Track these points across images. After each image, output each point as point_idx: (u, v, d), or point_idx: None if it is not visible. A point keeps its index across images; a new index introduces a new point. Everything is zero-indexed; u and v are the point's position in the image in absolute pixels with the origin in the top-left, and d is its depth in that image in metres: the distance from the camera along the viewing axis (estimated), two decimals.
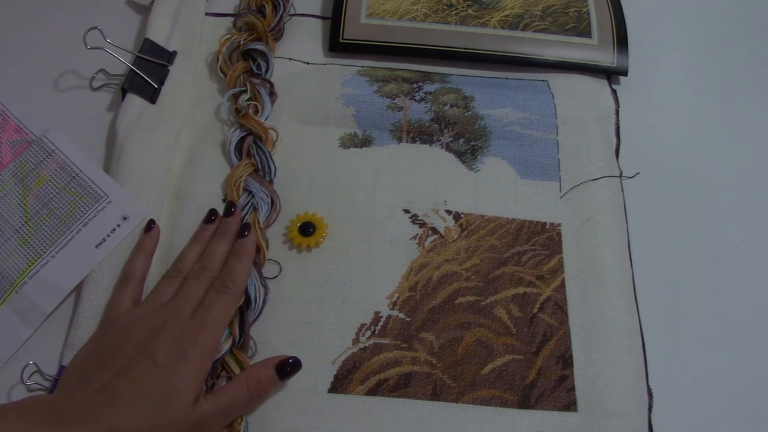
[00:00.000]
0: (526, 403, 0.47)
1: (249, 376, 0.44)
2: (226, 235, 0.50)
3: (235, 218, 0.51)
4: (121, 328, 0.45)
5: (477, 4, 0.62)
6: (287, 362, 0.45)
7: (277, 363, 0.45)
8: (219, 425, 0.43)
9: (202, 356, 0.43)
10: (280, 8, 0.60)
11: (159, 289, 0.47)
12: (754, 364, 0.50)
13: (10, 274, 0.48)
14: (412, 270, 0.51)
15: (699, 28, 0.65)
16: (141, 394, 0.40)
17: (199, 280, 0.47)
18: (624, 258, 0.52)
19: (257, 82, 0.56)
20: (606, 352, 0.48)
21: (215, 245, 0.49)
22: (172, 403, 0.40)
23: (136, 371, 0.41)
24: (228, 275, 0.47)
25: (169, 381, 0.41)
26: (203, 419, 0.41)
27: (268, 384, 0.44)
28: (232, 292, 0.46)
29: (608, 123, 0.58)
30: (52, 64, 0.59)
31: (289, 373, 0.45)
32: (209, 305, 0.45)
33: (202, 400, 0.42)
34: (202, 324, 0.44)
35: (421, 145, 0.55)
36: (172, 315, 0.44)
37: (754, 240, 0.55)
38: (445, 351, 0.48)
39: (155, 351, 0.42)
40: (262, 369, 0.45)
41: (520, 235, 0.52)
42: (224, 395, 0.43)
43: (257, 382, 0.44)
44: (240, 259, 0.48)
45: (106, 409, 0.39)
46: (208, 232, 0.51)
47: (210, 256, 0.49)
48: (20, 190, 0.51)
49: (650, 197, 0.56)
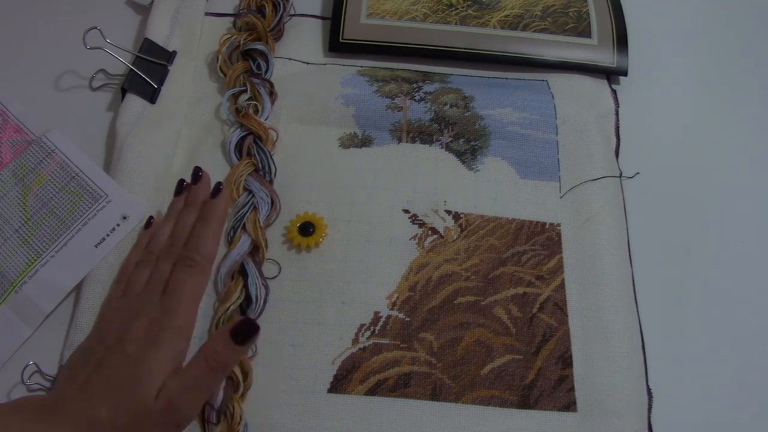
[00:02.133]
0: (526, 404, 0.47)
1: (206, 347, 0.41)
2: (195, 204, 0.48)
3: (202, 184, 0.48)
4: (104, 323, 0.45)
5: (477, 4, 0.62)
6: (240, 326, 0.41)
7: (231, 329, 0.41)
8: (190, 404, 0.41)
9: (171, 339, 0.42)
10: (280, 8, 0.61)
11: (134, 276, 0.47)
12: (754, 363, 0.50)
13: (10, 274, 0.48)
14: (412, 270, 0.51)
15: (699, 28, 0.65)
16: (114, 386, 0.40)
17: (167, 260, 0.46)
18: (624, 258, 0.52)
19: (257, 82, 0.56)
20: (606, 352, 0.48)
21: (183, 217, 0.47)
22: (141, 390, 0.40)
23: (110, 364, 0.41)
24: (193, 246, 0.45)
25: (140, 368, 0.40)
26: (170, 399, 0.40)
27: (226, 353, 0.41)
28: (199, 264, 0.45)
29: (608, 123, 0.58)
30: (52, 64, 0.59)
31: (246, 338, 0.41)
32: (175, 283, 0.44)
33: (167, 380, 0.40)
34: (169, 305, 0.43)
35: (420, 145, 0.55)
36: (144, 301, 0.44)
37: (754, 239, 0.55)
38: (445, 351, 0.48)
39: (126, 341, 0.42)
40: (218, 338, 0.41)
41: (519, 235, 0.52)
42: (187, 372, 0.41)
43: (214, 352, 0.41)
44: (206, 225, 0.46)
45: (85, 404, 0.39)
46: (179, 204, 0.49)
47: (178, 230, 0.47)
48: (20, 190, 0.51)
49: (650, 197, 0.56)
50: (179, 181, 0.51)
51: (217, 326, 0.47)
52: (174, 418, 0.40)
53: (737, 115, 0.61)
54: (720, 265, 0.54)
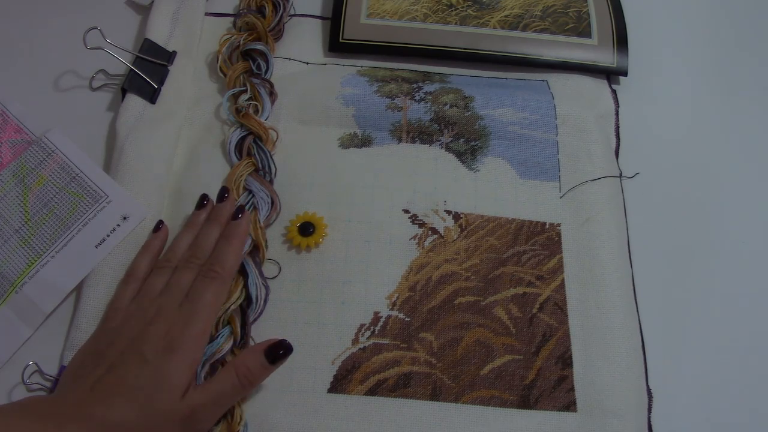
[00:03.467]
0: (526, 404, 0.47)
1: (238, 363, 0.43)
2: (218, 220, 0.49)
3: (228, 203, 0.50)
4: (115, 325, 0.45)
5: (477, 5, 0.62)
6: (277, 346, 0.43)
7: (266, 348, 0.43)
8: (211, 416, 0.42)
9: (190, 347, 0.42)
10: (280, 8, 0.60)
11: (150, 282, 0.47)
12: (755, 363, 0.50)
13: (10, 275, 0.48)
14: (412, 270, 0.51)
15: (699, 27, 0.65)
16: (130, 389, 0.40)
17: (188, 269, 0.46)
18: (624, 258, 0.52)
19: (257, 82, 0.56)
20: (605, 352, 0.48)
21: (206, 231, 0.48)
22: (161, 395, 0.40)
23: (125, 367, 0.41)
24: (216, 260, 0.46)
25: (157, 374, 0.41)
26: (194, 411, 0.41)
27: (258, 371, 0.43)
28: (221, 276, 0.45)
29: (608, 123, 0.58)
30: (52, 64, 0.59)
31: (280, 358, 0.43)
32: (196, 293, 0.44)
33: (191, 392, 0.41)
34: (189, 313, 0.43)
35: (420, 145, 0.55)
36: (161, 307, 0.44)
37: (755, 239, 0.55)
38: (445, 351, 0.48)
39: (143, 345, 0.42)
40: (251, 355, 0.43)
41: (519, 235, 0.52)
42: (214, 385, 0.42)
43: (246, 369, 0.42)
44: (229, 242, 0.47)
45: (97, 406, 0.39)
46: (200, 218, 0.50)
47: (200, 242, 0.48)
48: (20, 190, 0.51)
49: (650, 197, 0.56)
50: (202, 195, 0.51)
51: (218, 326, 0.47)
52: (194, 427, 0.41)
53: (737, 114, 0.61)
54: (720, 265, 0.54)
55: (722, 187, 0.57)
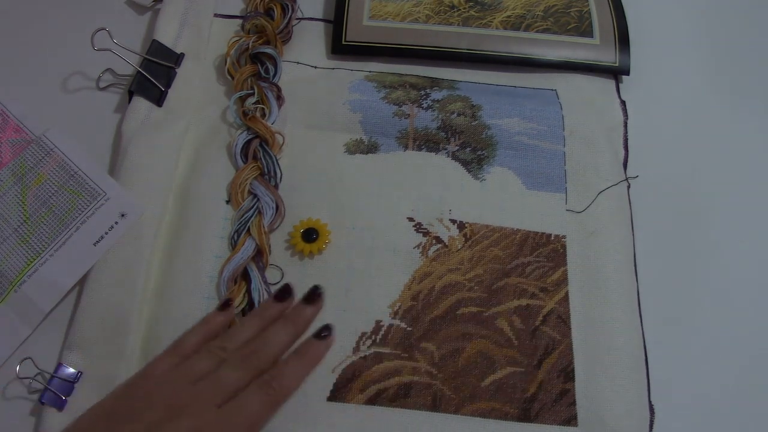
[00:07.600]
0: (526, 417, 0.46)
1: None
2: (296, 324, 0.42)
3: (315, 307, 0.43)
4: (147, 389, 0.38)
5: (479, 5, 0.62)
6: None
7: None
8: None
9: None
10: (289, 11, 0.60)
11: (197, 360, 0.40)
12: (761, 383, 0.50)
13: (9, 273, 0.48)
14: (415, 279, 0.50)
15: (701, 26, 0.65)
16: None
17: (240, 370, 0.39)
18: (629, 272, 0.52)
19: (265, 85, 0.56)
20: (608, 366, 0.48)
21: (276, 331, 0.41)
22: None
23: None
24: (281, 375, 0.39)
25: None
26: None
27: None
28: (277, 395, 0.39)
29: (616, 135, 0.58)
30: (57, 65, 0.59)
31: None
32: (244, 402, 0.38)
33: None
34: (228, 422, 0.37)
35: (427, 152, 0.55)
36: (199, 399, 0.37)
37: (762, 251, 0.54)
38: (446, 362, 0.48)
39: (176, 423, 0.36)
40: None
41: (524, 246, 0.52)
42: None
43: None
44: (301, 361, 0.40)
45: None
46: (274, 311, 0.43)
47: (265, 342, 0.40)
48: (19, 189, 0.51)
49: (652, 198, 0.55)
50: (285, 286, 0.44)
51: None
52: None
53: (738, 113, 0.60)
54: (728, 280, 0.53)
55: (726, 189, 0.56)
